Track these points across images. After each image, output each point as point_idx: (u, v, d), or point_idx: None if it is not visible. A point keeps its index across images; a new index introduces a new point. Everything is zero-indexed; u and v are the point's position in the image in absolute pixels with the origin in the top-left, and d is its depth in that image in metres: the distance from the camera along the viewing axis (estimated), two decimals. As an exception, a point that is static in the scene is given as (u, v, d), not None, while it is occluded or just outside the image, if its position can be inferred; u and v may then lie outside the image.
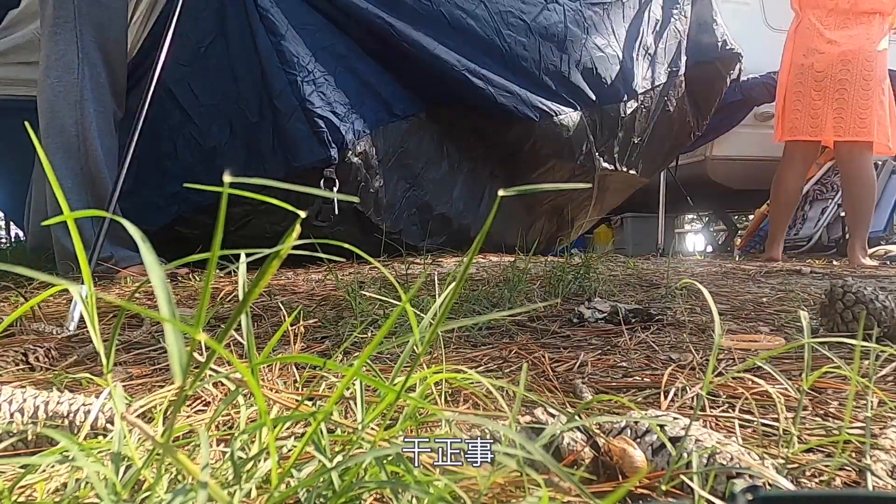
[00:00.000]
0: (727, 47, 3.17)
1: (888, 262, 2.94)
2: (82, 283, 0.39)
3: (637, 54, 2.77)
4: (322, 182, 1.98)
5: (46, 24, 1.82)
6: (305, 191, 0.32)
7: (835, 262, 2.94)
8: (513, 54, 2.38)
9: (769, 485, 0.45)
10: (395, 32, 2.16)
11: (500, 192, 0.32)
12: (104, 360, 0.42)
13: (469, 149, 2.51)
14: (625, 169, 2.91)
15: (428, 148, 2.39)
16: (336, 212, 2.07)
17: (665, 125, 3.03)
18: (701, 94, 3.20)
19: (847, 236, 3.91)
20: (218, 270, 1.29)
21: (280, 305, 1.09)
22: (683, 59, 3.03)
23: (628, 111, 2.74)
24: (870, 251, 3.10)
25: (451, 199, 2.49)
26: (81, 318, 1.51)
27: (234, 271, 0.48)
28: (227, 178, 0.29)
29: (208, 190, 0.34)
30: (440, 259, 2.11)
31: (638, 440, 0.52)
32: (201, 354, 0.64)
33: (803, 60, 3.07)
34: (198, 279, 1.51)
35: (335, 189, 1.99)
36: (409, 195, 2.37)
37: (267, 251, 0.34)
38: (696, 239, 5.28)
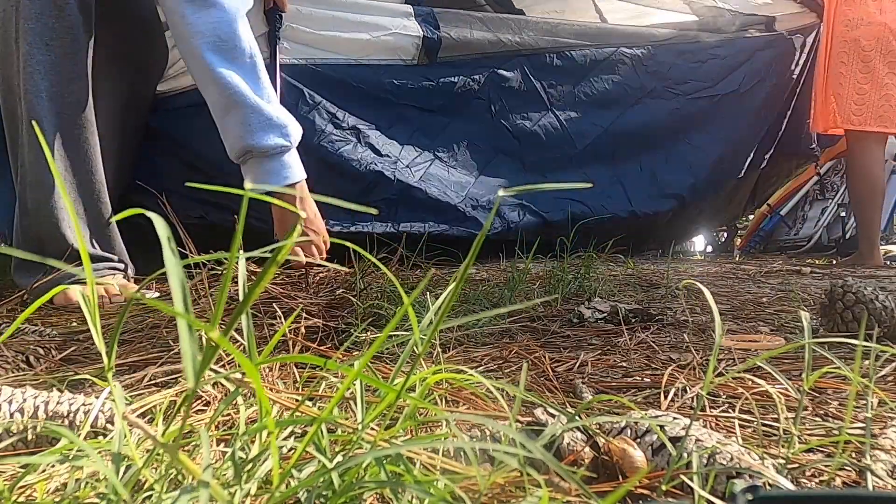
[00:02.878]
0: (810, 146, 3.34)
1: (888, 262, 2.94)
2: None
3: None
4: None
5: None
6: (326, 200, 0.32)
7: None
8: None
9: (769, 485, 0.45)
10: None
11: (500, 193, 0.32)
12: (105, 359, 0.42)
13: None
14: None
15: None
16: None
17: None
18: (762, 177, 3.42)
19: (847, 236, 3.90)
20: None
21: (276, 308, 1.09)
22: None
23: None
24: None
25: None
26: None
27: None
28: (248, 185, 0.29)
29: (228, 191, 0.34)
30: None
31: (638, 440, 0.52)
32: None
33: (846, 34, 2.66)
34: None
35: None
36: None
37: (270, 248, 0.34)
38: (696, 239, 5.29)
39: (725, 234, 5.04)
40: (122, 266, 1.54)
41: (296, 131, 1.51)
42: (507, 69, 2.45)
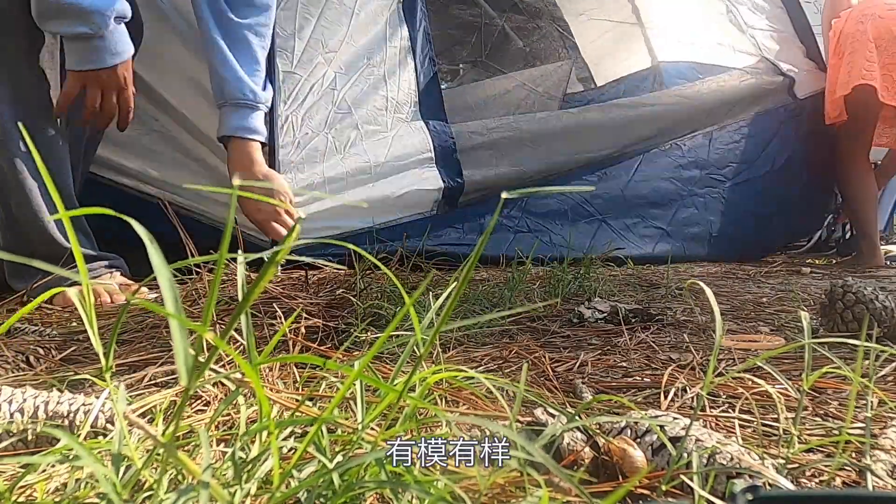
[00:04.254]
0: None
1: (888, 263, 2.94)
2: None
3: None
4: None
5: None
6: (321, 196, 0.32)
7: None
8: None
9: (769, 485, 0.45)
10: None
11: (504, 195, 0.32)
12: (103, 360, 0.42)
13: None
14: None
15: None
16: None
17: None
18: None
19: (847, 236, 3.90)
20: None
21: (276, 308, 1.09)
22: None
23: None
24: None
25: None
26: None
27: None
28: (235, 182, 0.29)
29: (216, 191, 0.34)
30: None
31: (638, 440, 0.52)
32: (203, 356, 0.64)
33: (857, 27, 2.65)
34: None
35: None
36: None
37: (266, 252, 0.34)
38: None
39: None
40: (119, 264, 1.53)
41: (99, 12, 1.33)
42: (537, 197, 2.22)
